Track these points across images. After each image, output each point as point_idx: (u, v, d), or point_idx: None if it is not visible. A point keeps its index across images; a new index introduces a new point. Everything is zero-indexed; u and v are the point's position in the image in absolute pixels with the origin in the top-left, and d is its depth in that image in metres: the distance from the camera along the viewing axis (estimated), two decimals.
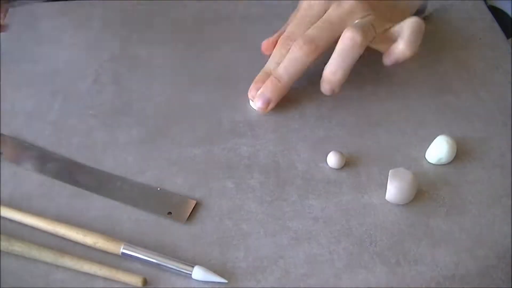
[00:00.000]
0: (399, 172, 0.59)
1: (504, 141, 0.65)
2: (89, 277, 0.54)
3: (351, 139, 0.65)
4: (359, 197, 0.61)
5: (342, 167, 0.62)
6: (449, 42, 0.75)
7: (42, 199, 0.59)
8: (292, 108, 0.65)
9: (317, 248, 0.57)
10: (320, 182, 0.62)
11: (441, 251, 0.57)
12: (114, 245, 0.55)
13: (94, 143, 0.64)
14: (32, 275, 0.54)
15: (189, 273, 0.54)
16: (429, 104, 0.69)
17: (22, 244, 0.55)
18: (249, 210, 0.59)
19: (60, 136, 0.64)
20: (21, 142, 0.63)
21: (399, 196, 0.59)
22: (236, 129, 0.65)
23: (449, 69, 0.72)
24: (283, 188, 0.61)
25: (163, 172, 0.62)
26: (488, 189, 0.61)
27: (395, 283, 0.55)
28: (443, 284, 0.55)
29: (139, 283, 0.54)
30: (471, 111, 0.68)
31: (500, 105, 0.69)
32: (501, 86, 0.71)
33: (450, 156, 0.63)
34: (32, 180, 0.61)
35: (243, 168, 0.62)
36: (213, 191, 0.61)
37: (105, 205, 0.59)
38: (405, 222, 0.59)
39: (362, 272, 0.56)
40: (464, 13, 0.79)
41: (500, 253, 0.57)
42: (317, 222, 0.59)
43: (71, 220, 0.57)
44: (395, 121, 0.67)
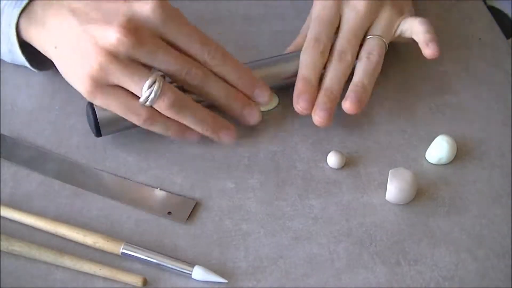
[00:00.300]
0: (399, 172, 0.59)
1: (504, 141, 0.65)
2: (89, 277, 0.54)
3: (351, 139, 0.65)
4: (359, 197, 0.61)
5: (342, 167, 0.62)
6: (449, 42, 0.75)
7: (42, 199, 0.59)
8: (292, 108, 0.65)
9: (317, 248, 0.57)
10: (320, 182, 0.62)
11: (441, 251, 0.57)
12: (114, 245, 0.55)
13: (94, 143, 0.64)
14: (32, 275, 0.54)
15: (189, 273, 0.54)
16: (429, 104, 0.69)
17: (22, 244, 0.55)
18: (249, 210, 0.59)
19: (60, 136, 0.64)
20: (21, 142, 0.63)
21: (399, 196, 0.59)
22: (236, 128, 0.65)
23: (449, 69, 0.72)
24: (283, 188, 0.61)
25: (163, 172, 0.62)
26: (488, 189, 0.61)
27: (395, 283, 0.55)
28: (442, 284, 0.55)
29: (139, 283, 0.54)
30: (471, 111, 0.68)
31: (500, 105, 0.69)
32: (501, 86, 0.71)
33: (450, 156, 0.63)
34: (32, 180, 0.61)
35: (243, 168, 0.62)
36: (213, 191, 0.61)
37: (105, 205, 0.59)
38: (405, 222, 0.59)
39: (362, 272, 0.56)
40: (464, 13, 0.79)
41: (500, 253, 0.57)
42: (317, 222, 0.59)
43: (71, 220, 0.57)
44: (395, 121, 0.67)
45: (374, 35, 0.66)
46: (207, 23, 0.75)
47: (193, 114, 0.60)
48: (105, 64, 0.57)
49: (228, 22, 0.76)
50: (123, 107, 0.59)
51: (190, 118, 0.60)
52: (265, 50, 0.72)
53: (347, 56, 0.64)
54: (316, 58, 0.64)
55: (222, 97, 0.61)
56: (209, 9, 0.77)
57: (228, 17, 0.76)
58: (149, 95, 0.57)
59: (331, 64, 0.64)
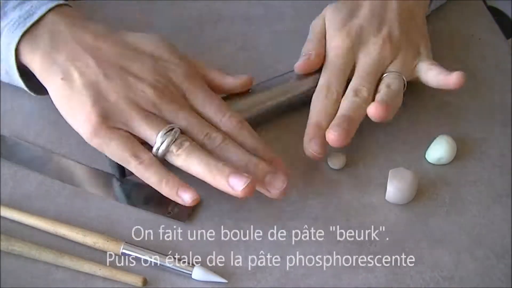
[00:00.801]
0: (399, 172, 0.59)
1: (504, 141, 0.65)
2: (89, 277, 0.54)
3: (351, 139, 0.65)
4: (359, 197, 0.61)
5: (342, 167, 0.62)
6: (449, 42, 0.75)
7: (42, 199, 0.59)
8: (292, 108, 0.65)
9: (317, 248, 0.57)
10: (320, 182, 0.62)
11: (441, 251, 0.57)
12: (114, 245, 0.55)
13: None
14: (32, 275, 0.54)
15: (189, 273, 0.54)
16: (429, 104, 0.68)
17: (22, 244, 0.55)
18: (249, 210, 0.59)
19: (60, 136, 0.64)
20: (21, 142, 0.63)
21: (399, 196, 0.59)
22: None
23: (449, 68, 0.72)
24: None
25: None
26: (488, 189, 0.61)
27: (395, 283, 0.55)
28: (442, 284, 0.55)
29: (139, 283, 0.54)
30: (471, 111, 0.68)
31: (500, 105, 0.69)
32: (501, 86, 0.71)
33: (450, 156, 0.63)
34: (32, 180, 0.61)
35: None
36: (213, 191, 0.60)
37: (105, 205, 0.59)
38: (405, 222, 0.59)
39: (362, 272, 0.56)
40: (464, 13, 0.78)
41: (500, 253, 0.57)
42: (317, 222, 0.59)
43: (71, 220, 0.57)
44: (395, 121, 0.67)
45: (391, 72, 0.64)
46: (207, 23, 0.75)
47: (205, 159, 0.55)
48: (126, 108, 0.56)
49: (228, 22, 0.76)
50: (124, 148, 0.56)
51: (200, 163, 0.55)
52: (265, 50, 0.72)
53: (363, 92, 0.62)
54: (328, 106, 0.62)
55: (242, 164, 0.56)
56: (209, 9, 0.77)
57: (228, 17, 0.76)
58: (165, 140, 0.55)
59: (346, 99, 0.62)
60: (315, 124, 0.61)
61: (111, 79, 0.57)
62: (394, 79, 0.63)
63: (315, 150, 0.60)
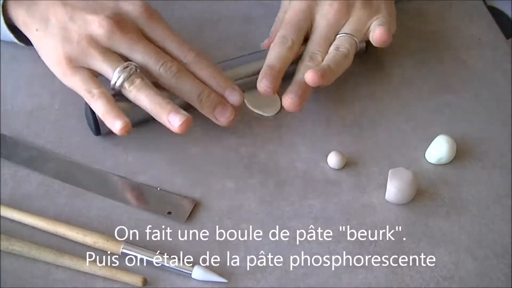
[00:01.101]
0: (399, 172, 0.59)
1: (504, 141, 0.65)
2: (89, 277, 0.54)
3: (351, 139, 0.65)
4: (359, 197, 0.61)
5: (342, 167, 0.62)
6: (449, 42, 0.75)
7: (42, 199, 0.59)
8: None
9: (317, 248, 0.57)
10: (320, 182, 0.62)
11: (441, 251, 0.57)
12: (114, 245, 0.55)
13: (94, 143, 0.64)
14: (32, 275, 0.54)
15: (189, 273, 0.54)
16: (429, 104, 0.68)
17: (22, 244, 0.55)
18: (249, 210, 0.59)
19: (60, 136, 0.64)
20: (21, 142, 0.63)
21: (399, 196, 0.59)
22: (236, 128, 0.65)
23: (449, 69, 0.72)
24: (283, 188, 0.61)
25: (163, 172, 0.62)
26: (488, 189, 0.61)
27: (395, 283, 0.55)
28: (442, 284, 0.55)
29: (139, 283, 0.54)
30: (471, 111, 0.68)
31: (500, 105, 0.69)
32: (501, 86, 0.71)
33: (450, 156, 0.63)
34: (32, 180, 0.61)
35: (243, 168, 0.62)
36: (213, 191, 0.61)
37: (105, 205, 0.59)
38: (405, 222, 0.59)
39: (362, 272, 0.56)
40: (464, 13, 0.78)
41: (500, 253, 0.57)
42: (317, 222, 0.59)
43: (71, 220, 0.57)
44: (395, 121, 0.67)
45: (344, 34, 0.66)
46: (207, 23, 0.75)
47: (152, 97, 0.60)
48: (86, 47, 0.61)
49: (228, 22, 0.76)
50: (82, 84, 0.61)
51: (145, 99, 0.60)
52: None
53: (318, 57, 0.65)
54: (282, 51, 0.65)
55: (194, 94, 0.62)
56: (209, 9, 0.77)
57: (228, 17, 0.76)
58: (120, 75, 0.60)
59: (302, 63, 0.65)
60: (267, 65, 0.64)
61: (74, 21, 0.62)
62: (344, 41, 0.65)
63: (266, 85, 0.63)
